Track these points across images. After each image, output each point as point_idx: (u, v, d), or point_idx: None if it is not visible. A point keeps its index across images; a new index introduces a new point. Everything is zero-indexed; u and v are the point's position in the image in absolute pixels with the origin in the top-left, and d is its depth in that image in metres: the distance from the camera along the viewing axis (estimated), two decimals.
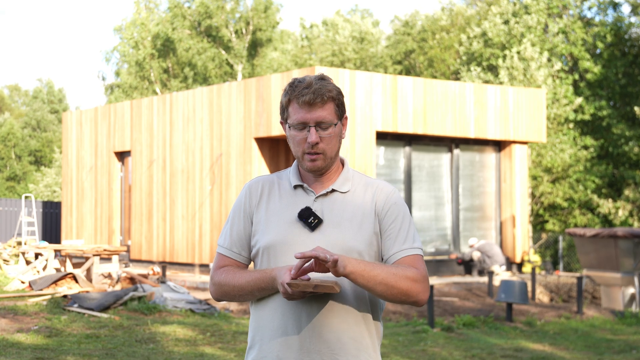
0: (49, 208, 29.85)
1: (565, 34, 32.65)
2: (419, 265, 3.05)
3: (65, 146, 24.09)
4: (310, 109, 3.04)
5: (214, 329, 11.23)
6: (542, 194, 29.86)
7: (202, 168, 19.40)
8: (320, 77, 3.10)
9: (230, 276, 3.11)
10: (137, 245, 21.11)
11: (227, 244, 3.19)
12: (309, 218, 3.06)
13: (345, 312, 3.05)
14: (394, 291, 2.97)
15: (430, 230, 19.39)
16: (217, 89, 19.30)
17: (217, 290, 3.16)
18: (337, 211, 3.10)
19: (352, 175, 3.20)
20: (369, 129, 17.65)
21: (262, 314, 3.11)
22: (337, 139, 3.12)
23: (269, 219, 3.12)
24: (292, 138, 3.10)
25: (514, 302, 13.93)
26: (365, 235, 3.07)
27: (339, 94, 3.11)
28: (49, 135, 60.20)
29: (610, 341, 12.53)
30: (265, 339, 3.09)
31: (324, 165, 3.09)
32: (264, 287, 3.02)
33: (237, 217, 3.20)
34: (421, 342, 11.18)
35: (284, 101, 3.11)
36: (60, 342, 9.79)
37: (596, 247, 17.26)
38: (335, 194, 3.13)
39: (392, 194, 3.16)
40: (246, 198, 3.19)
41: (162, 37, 47.08)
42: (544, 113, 20.71)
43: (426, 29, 42.92)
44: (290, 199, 3.14)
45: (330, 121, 3.07)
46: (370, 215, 3.10)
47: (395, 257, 3.06)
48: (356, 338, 3.06)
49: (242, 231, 3.17)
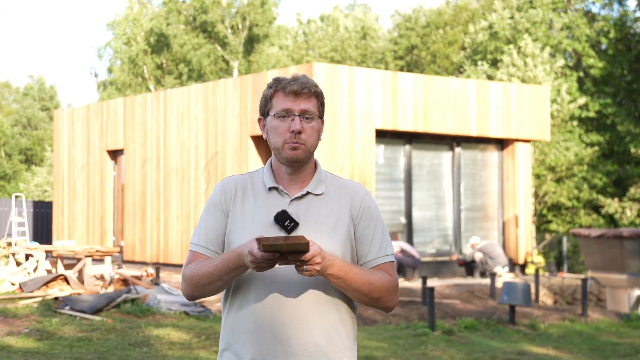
0: (40, 208, 29.84)
1: (570, 29, 32.67)
2: (392, 272, 3.18)
3: (56, 144, 24.07)
4: (296, 98, 3.12)
5: (209, 332, 11.22)
6: (546, 193, 29.87)
7: (197, 167, 19.39)
8: (304, 75, 3.20)
9: (199, 266, 3.11)
10: (130, 246, 21.10)
11: (203, 242, 3.18)
12: (285, 221, 3.10)
13: (323, 313, 3.09)
14: (365, 298, 3.11)
15: (431, 230, 19.39)
16: (212, 85, 19.29)
17: (187, 286, 3.16)
18: (312, 214, 3.15)
19: (324, 176, 3.25)
20: (368, 126, 17.64)
21: (235, 315, 3.13)
22: (317, 135, 3.19)
23: (244, 221, 3.14)
24: (274, 129, 3.15)
25: (516, 304, 13.93)
26: (340, 239, 3.14)
27: (322, 94, 3.22)
28: (40, 133, 60.18)
29: (616, 345, 12.54)
30: (239, 342, 3.11)
31: (304, 156, 3.14)
32: (232, 266, 3.01)
33: (211, 214, 3.20)
34: (421, 346, 11.18)
35: (268, 94, 3.18)
36: (51, 345, 9.78)
37: (601, 248, 17.28)
38: (309, 197, 3.18)
39: (366, 197, 3.23)
40: (221, 196, 3.21)
41: (156, 32, 47.05)
42: (547, 110, 20.71)
43: (429, 24, 42.92)
44: (265, 201, 3.17)
45: (314, 113, 3.15)
46: (344, 219, 3.17)
47: (371, 264, 3.17)
48: (334, 340, 3.11)
49: (218, 228, 3.18)
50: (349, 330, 3.17)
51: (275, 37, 49.35)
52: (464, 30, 37.94)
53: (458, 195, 19.76)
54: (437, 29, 41.49)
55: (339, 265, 2.99)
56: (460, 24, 40.37)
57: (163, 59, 48.28)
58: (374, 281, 3.08)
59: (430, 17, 43.51)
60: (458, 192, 19.76)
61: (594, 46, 32.96)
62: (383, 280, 3.11)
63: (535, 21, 32.12)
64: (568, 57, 33.37)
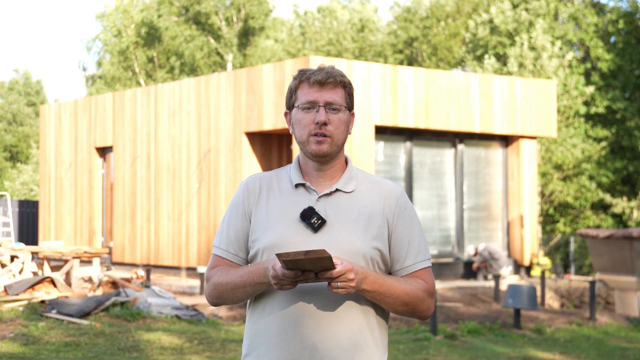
0: (26, 207, 29.80)
1: (576, 20, 32.69)
2: (429, 278, 3.14)
3: (43, 141, 24.06)
4: (321, 88, 3.10)
5: (202, 337, 11.22)
6: (552, 192, 29.90)
7: (189, 165, 19.39)
8: (331, 66, 3.18)
9: (223, 274, 3.12)
10: (119, 247, 21.10)
11: (224, 245, 3.19)
12: (311, 219, 3.07)
13: (349, 318, 3.06)
14: (404, 308, 3.07)
15: (433, 231, 19.39)
16: (205, 80, 19.29)
17: (211, 292, 3.17)
18: (342, 212, 3.11)
19: (356, 173, 3.21)
20: (367, 123, 17.64)
21: (260, 319, 3.12)
22: (345, 127, 3.15)
23: (269, 219, 3.12)
24: (299, 121, 3.13)
25: (522, 307, 13.94)
26: (372, 238, 3.09)
27: (350, 85, 3.18)
28: (25, 129, 60.12)
29: (625, 349, 12.55)
30: (263, 346, 3.09)
31: (330, 150, 3.11)
32: (257, 280, 3.02)
33: (234, 215, 3.20)
34: (423, 351, 11.18)
35: (293, 85, 3.16)
36: (37, 350, 9.78)
37: (610, 249, 17.29)
38: (339, 194, 3.15)
39: (401, 197, 3.19)
40: (244, 196, 3.19)
41: (147, 24, 47.04)
42: (554, 106, 20.71)
43: (430, 16, 42.92)
44: (292, 198, 3.15)
45: (340, 104, 3.12)
46: (377, 218, 3.12)
47: (408, 270, 3.13)
48: (361, 346, 3.08)
49: (239, 231, 3.17)
50: (378, 338, 3.14)
51: (271, 29, 49.35)
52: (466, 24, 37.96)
53: (461, 194, 19.77)
54: (439, 21, 41.49)
55: (373, 278, 2.97)
56: (462, 15, 40.39)
57: (154, 52, 48.26)
58: (409, 291, 3.05)
59: (430, 8, 43.51)
60: (461, 191, 19.77)
61: (602, 37, 32.98)
62: (420, 288, 3.08)
63: (539, 13, 32.13)
64: (575, 49, 33.38)
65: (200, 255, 18.82)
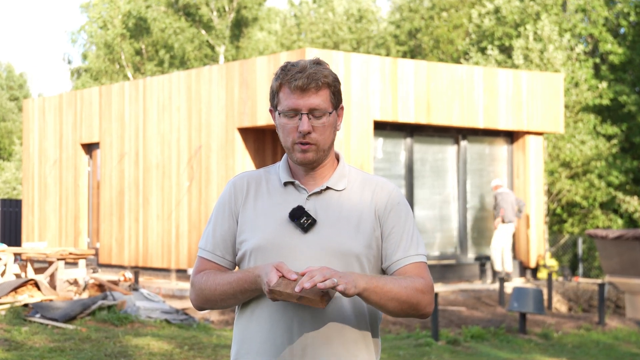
0: (8, 206, 29.78)
1: (585, 11, 32.73)
2: (425, 274, 3.11)
3: (26, 137, 24.05)
4: (303, 94, 3.06)
5: (193, 342, 11.23)
6: (560, 191, 29.93)
7: (179, 162, 19.39)
8: (316, 62, 3.13)
9: (210, 279, 3.12)
10: (106, 248, 21.10)
11: (210, 247, 3.19)
12: (301, 218, 3.08)
13: (342, 327, 3.07)
14: (405, 306, 3.04)
15: (435, 231, 19.41)
16: (196, 73, 19.29)
17: (197, 297, 3.17)
18: (333, 211, 3.11)
19: (348, 171, 3.22)
20: (366, 118, 17.65)
21: (248, 324, 3.12)
22: (332, 130, 3.13)
23: (257, 219, 3.13)
24: (282, 127, 3.13)
25: (528, 311, 13.96)
26: (364, 238, 3.10)
27: (336, 81, 3.14)
28: (8, 125, 60.07)
29: (635, 355, 12.57)
30: (251, 353, 3.10)
31: (316, 157, 3.11)
32: (247, 287, 3.03)
33: (220, 216, 3.20)
34: (424, 357, 11.21)
35: (275, 86, 3.14)
36: (20, 356, 9.78)
37: (620, 251, 17.32)
38: (329, 192, 3.15)
39: (394, 192, 3.18)
40: (230, 196, 3.20)
41: (135, 15, 47.00)
42: (561, 101, 20.74)
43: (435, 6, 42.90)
44: (280, 197, 3.15)
45: (324, 109, 3.09)
46: (369, 216, 3.12)
47: (399, 264, 3.11)
48: (352, 352, 3.10)
49: (226, 232, 3.18)
50: (370, 343, 3.18)
51: (265, 20, 49.32)
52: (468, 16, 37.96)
53: (464, 193, 19.78)
54: (442, 11, 41.50)
55: (366, 279, 2.94)
56: (466, 5, 40.39)
57: (142, 44, 48.24)
58: (407, 285, 3.02)
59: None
60: (464, 190, 19.79)
61: (612, 30, 33.01)
62: (416, 283, 3.04)
63: (547, 4, 32.16)
64: (584, 42, 33.42)
65: (190, 257, 18.82)
